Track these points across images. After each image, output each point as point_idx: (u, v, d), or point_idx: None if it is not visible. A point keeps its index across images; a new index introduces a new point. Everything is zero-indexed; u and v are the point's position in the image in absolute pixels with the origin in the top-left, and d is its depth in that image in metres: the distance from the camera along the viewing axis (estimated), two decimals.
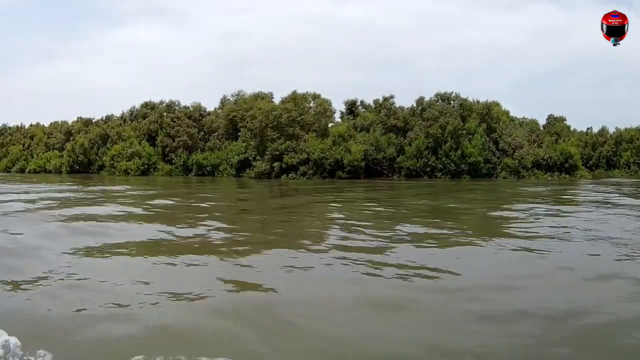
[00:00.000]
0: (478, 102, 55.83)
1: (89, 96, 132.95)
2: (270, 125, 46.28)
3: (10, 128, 78.51)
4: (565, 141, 52.50)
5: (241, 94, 56.37)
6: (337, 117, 57.07)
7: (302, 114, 49.21)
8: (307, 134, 47.99)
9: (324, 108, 53.10)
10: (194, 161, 52.52)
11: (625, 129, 60.11)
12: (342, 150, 46.11)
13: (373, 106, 58.51)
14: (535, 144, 51.22)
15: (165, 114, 59.95)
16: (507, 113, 57.65)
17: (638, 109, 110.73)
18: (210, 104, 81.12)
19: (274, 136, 45.98)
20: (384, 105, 57.65)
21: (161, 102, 65.54)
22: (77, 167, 61.03)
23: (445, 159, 48.75)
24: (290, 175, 44.80)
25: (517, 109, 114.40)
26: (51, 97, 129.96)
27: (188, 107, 61.24)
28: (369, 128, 51.70)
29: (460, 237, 12.21)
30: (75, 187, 34.79)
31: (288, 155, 44.64)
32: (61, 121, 71.81)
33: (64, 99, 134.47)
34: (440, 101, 55.99)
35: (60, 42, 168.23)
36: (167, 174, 54.57)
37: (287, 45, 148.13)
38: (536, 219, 15.78)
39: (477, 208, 20.74)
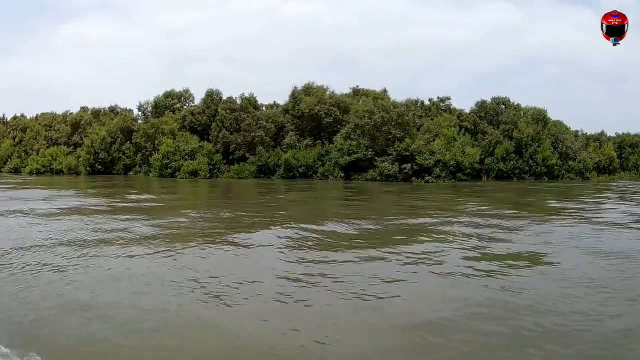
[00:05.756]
0: (520, 106, 58.73)
1: (42, 92, 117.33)
2: (392, 123, 42.20)
3: None
4: (607, 146, 57.86)
5: (313, 85, 50.23)
6: None
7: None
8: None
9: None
10: (282, 161, 44.74)
11: (623, 133, 67.91)
12: (458, 152, 44.32)
13: (430, 106, 57.49)
14: (591, 149, 55.83)
15: (211, 105, 50.87)
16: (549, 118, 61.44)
17: (596, 108, 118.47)
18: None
19: (398, 135, 42.01)
20: (440, 107, 57.07)
21: (186, 91, 55.77)
22: (99, 167, 48.29)
23: (531, 161, 50.18)
24: (426, 178, 41.19)
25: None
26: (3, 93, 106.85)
27: (233, 98, 52.79)
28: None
29: None
30: None
31: (422, 157, 41.02)
32: (60, 113, 56.24)
33: (16, 95, 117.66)
34: (496, 105, 57.55)
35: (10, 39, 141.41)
36: (249, 176, 45.61)
37: (231, 43, 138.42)
38: None
39: None
